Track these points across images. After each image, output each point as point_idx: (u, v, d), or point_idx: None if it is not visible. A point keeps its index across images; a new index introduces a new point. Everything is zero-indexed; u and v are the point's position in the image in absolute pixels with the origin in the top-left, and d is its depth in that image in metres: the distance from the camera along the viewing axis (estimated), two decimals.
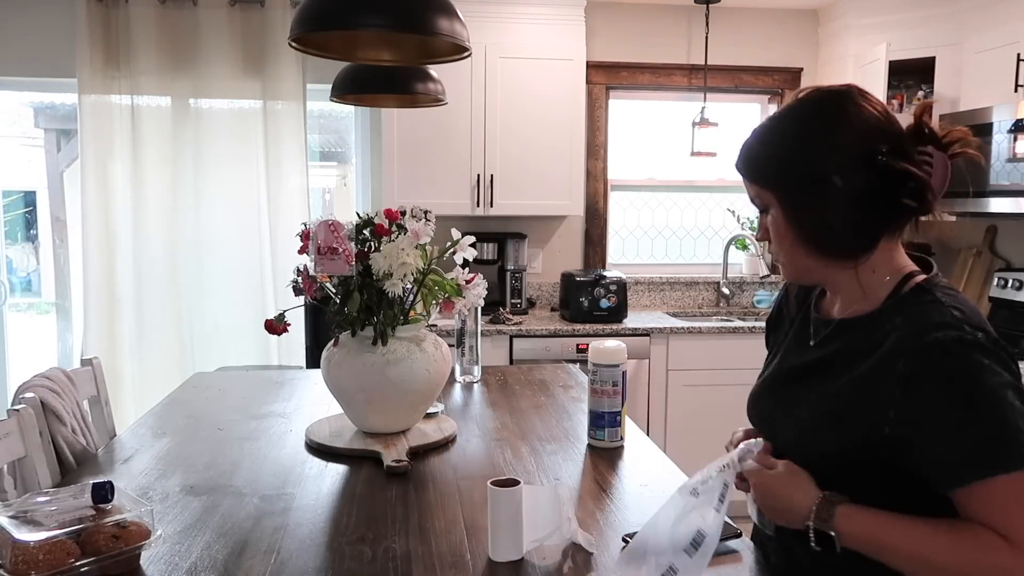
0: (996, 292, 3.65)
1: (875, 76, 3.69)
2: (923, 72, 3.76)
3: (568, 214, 4.07)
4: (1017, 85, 3.19)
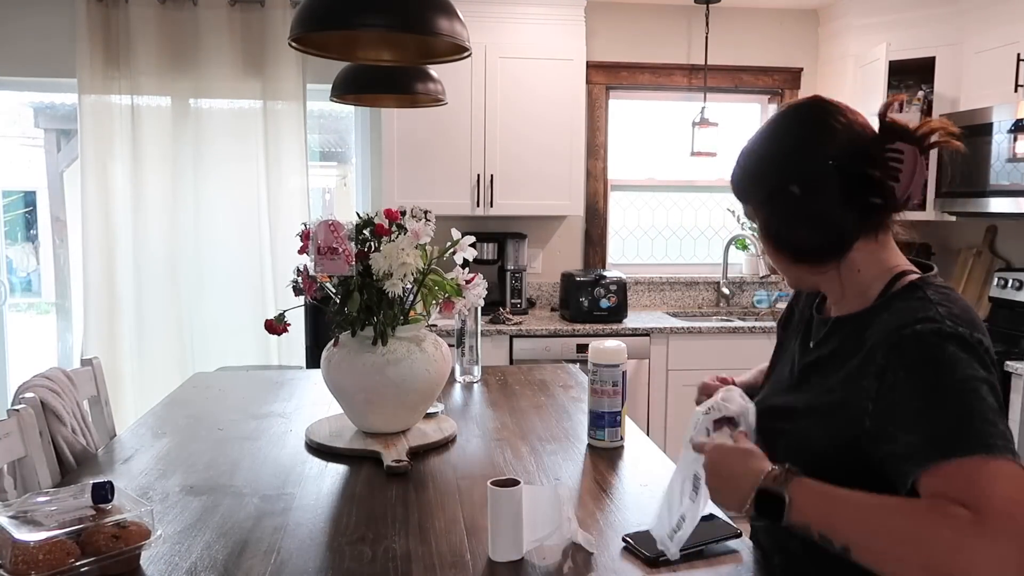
0: (996, 292, 3.65)
1: (875, 76, 3.69)
2: (923, 72, 3.76)
3: (568, 214, 4.07)
4: (1017, 85, 3.19)
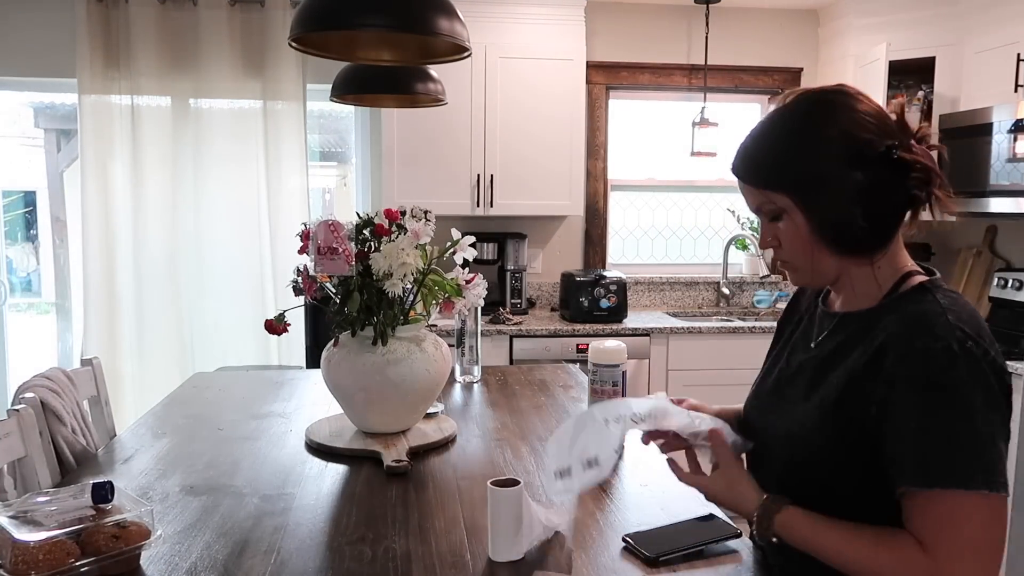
0: (996, 292, 3.64)
1: (875, 76, 3.69)
2: (923, 72, 3.76)
3: (568, 214, 4.07)
4: (1017, 85, 3.19)
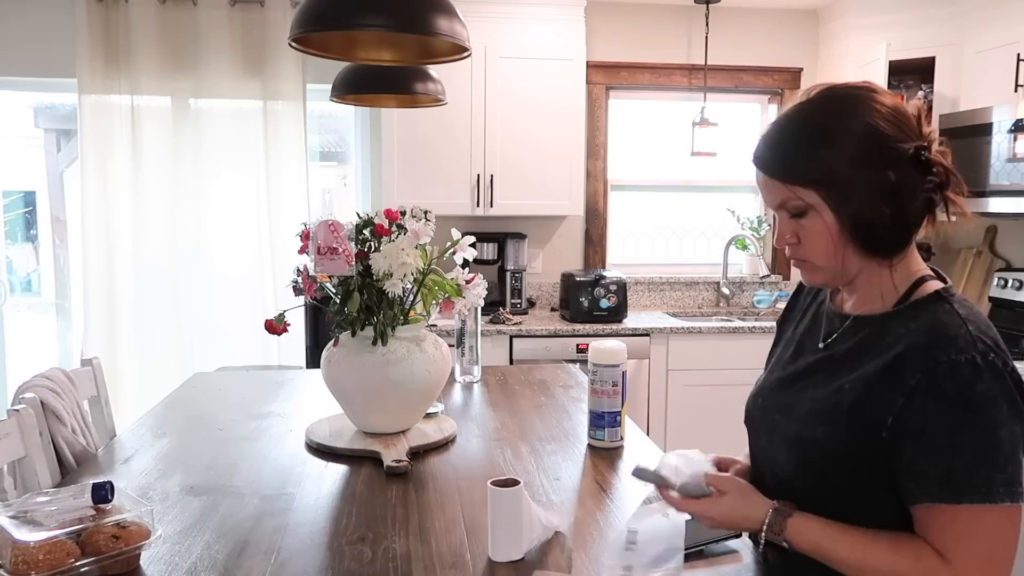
0: (996, 292, 3.65)
1: (875, 76, 3.69)
2: (923, 72, 3.76)
3: (568, 214, 4.07)
4: (1017, 85, 3.19)
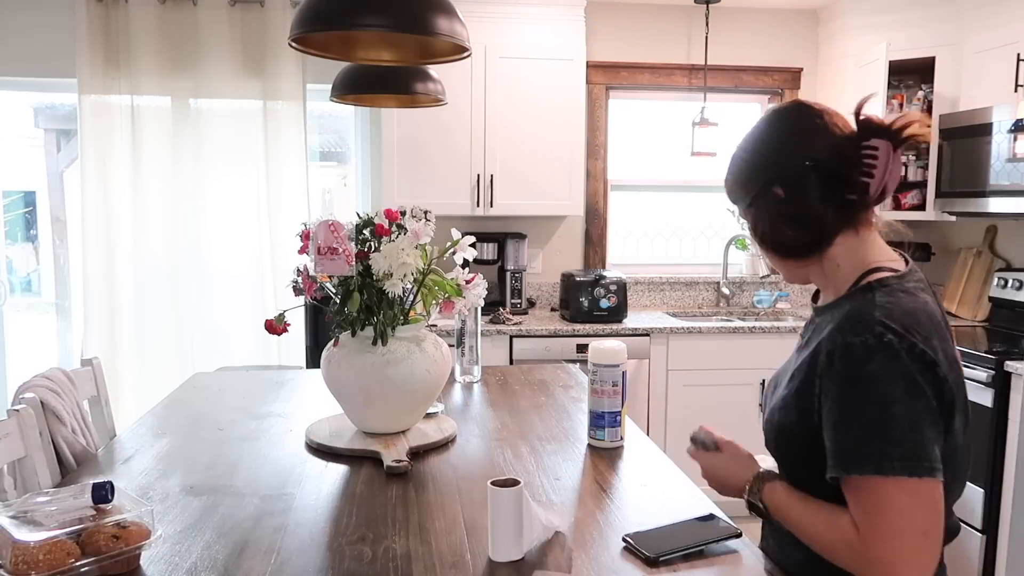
0: (996, 292, 3.64)
1: (875, 76, 3.69)
2: (923, 72, 3.77)
3: (568, 214, 4.07)
4: (1017, 85, 3.19)
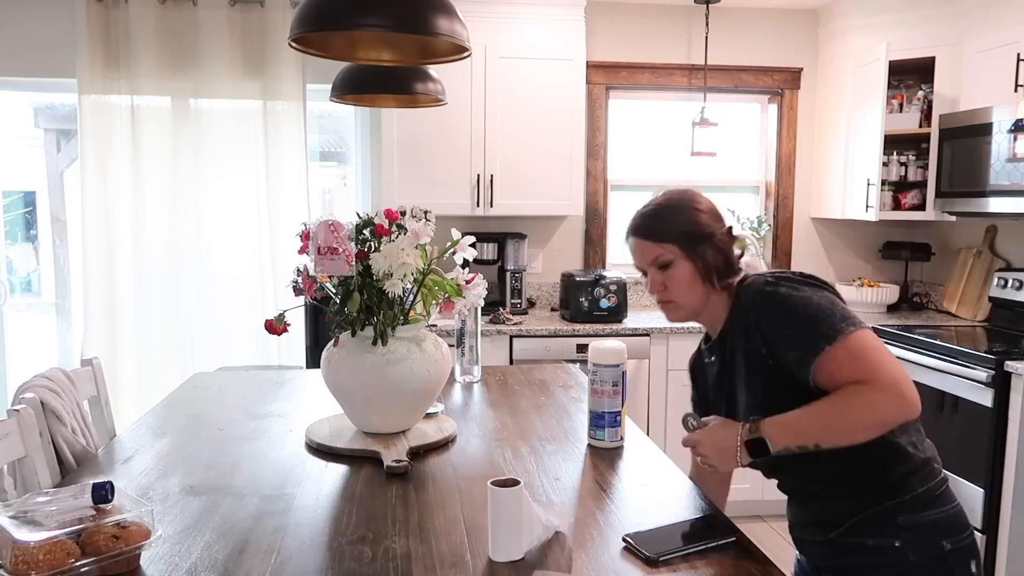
0: (996, 292, 3.64)
1: (875, 76, 3.69)
2: (923, 72, 3.77)
3: (568, 214, 4.07)
4: (1017, 85, 3.19)
